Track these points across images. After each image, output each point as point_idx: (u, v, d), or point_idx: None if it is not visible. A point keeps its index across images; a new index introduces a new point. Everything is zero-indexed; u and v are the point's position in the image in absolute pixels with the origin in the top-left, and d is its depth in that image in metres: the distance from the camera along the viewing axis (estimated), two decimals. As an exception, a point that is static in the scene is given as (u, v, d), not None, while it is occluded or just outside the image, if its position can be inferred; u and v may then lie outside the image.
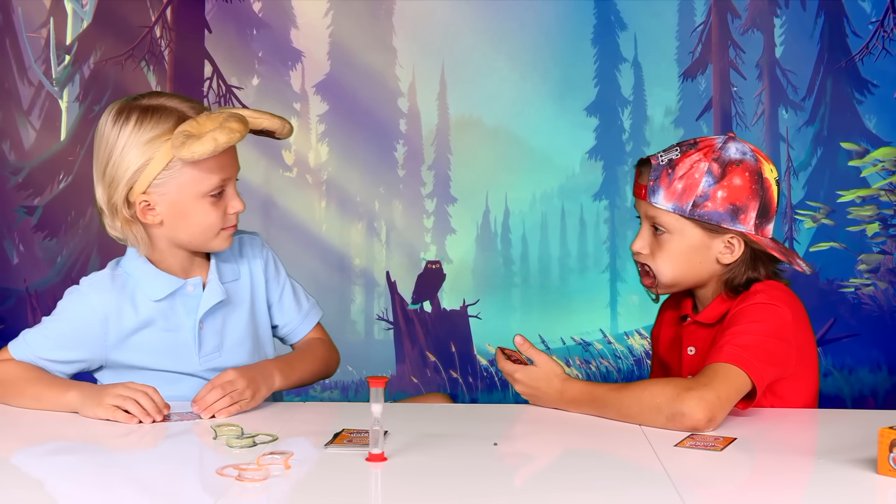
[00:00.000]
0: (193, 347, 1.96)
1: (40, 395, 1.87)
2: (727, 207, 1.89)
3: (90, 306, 1.93)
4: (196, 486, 1.44)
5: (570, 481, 1.48)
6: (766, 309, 1.85)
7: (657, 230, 1.94)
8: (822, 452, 1.57)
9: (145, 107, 1.88)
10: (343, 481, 1.46)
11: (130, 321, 1.93)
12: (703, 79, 3.60)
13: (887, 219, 3.52)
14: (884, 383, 3.52)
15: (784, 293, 1.91)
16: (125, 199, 1.87)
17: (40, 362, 1.93)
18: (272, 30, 3.64)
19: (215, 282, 1.97)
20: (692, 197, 1.88)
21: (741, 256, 1.92)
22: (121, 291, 1.93)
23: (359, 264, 3.65)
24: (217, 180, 1.88)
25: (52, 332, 1.94)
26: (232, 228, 1.94)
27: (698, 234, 1.91)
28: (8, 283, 3.59)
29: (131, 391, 1.79)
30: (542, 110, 3.61)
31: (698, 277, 1.96)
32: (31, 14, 3.63)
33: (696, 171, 1.89)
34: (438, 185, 3.67)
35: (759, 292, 1.89)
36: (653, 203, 1.91)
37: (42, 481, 1.47)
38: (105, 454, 1.66)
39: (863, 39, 3.53)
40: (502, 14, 3.59)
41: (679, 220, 1.90)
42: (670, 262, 1.93)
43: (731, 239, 1.91)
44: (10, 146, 3.61)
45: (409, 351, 3.63)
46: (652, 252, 1.95)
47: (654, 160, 1.94)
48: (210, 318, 1.97)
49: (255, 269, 2.05)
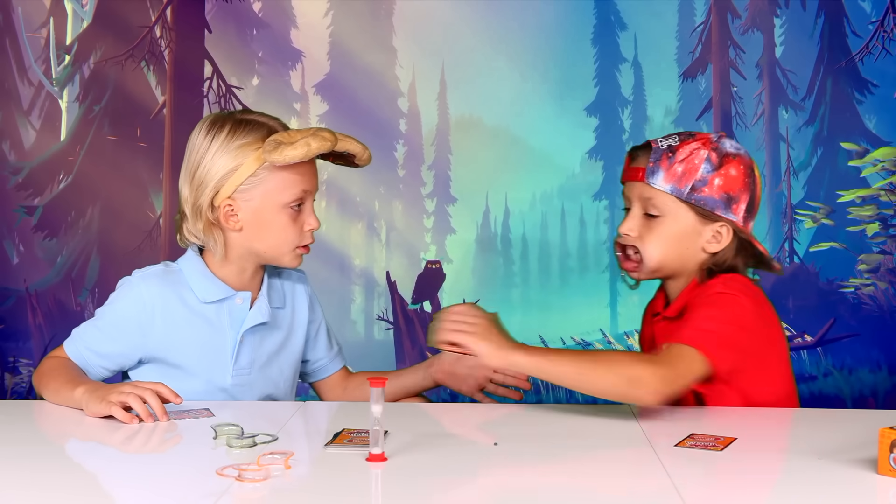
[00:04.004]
0: (230, 358, 2.00)
1: (58, 390, 1.90)
2: (722, 195, 1.94)
3: (139, 295, 1.98)
4: (196, 486, 1.44)
5: (570, 481, 1.48)
6: (724, 297, 1.89)
7: (649, 215, 1.97)
8: (822, 452, 1.57)
9: (238, 119, 1.97)
10: (343, 481, 1.46)
11: (178, 314, 1.98)
12: (703, 79, 3.60)
13: (887, 219, 3.52)
14: (884, 383, 3.52)
15: (742, 284, 1.95)
16: (210, 203, 1.94)
17: (87, 354, 1.98)
18: (272, 30, 3.64)
19: (264, 302, 2.03)
20: (691, 181, 1.93)
21: (727, 246, 1.96)
22: (172, 285, 1.99)
23: (359, 264, 3.65)
24: (299, 191, 1.96)
25: (103, 323, 1.99)
26: (305, 249, 2.02)
27: (692, 218, 1.95)
28: (8, 283, 3.59)
29: (139, 389, 1.80)
30: (542, 110, 3.61)
31: (682, 264, 1.99)
32: (31, 14, 3.63)
33: (696, 157, 1.94)
34: (438, 185, 3.67)
35: (718, 283, 1.93)
36: (651, 184, 1.95)
37: (42, 481, 1.47)
38: (105, 454, 1.66)
39: (863, 39, 3.53)
40: (502, 14, 3.59)
41: (675, 203, 1.95)
42: (660, 245, 1.96)
43: (721, 228, 1.95)
44: (10, 146, 3.61)
45: (409, 351, 3.63)
46: (641, 235, 1.98)
47: (654, 143, 1.99)
48: (251, 335, 2.02)
49: (299, 304, 2.13)
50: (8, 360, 3.52)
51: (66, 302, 3.55)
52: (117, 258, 3.53)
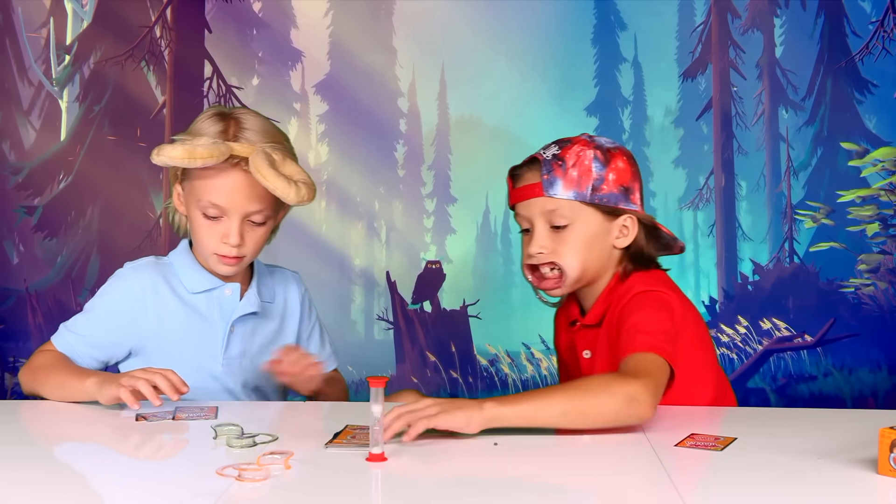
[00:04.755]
0: (220, 347, 2.02)
1: (64, 383, 1.91)
2: (619, 188, 1.95)
3: (131, 285, 2.00)
4: (196, 486, 1.44)
5: (570, 481, 1.48)
6: (649, 295, 1.89)
7: (555, 227, 1.94)
8: (822, 452, 1.57)
9: (215, 113, 1.98)
10: (343, 481, 1.46)
11: (169, 304, 2.00)
12: (703, 79, 3.60)
13: (887, 219, 3.52)
14: (884, 383, 3.52)
15: (657, 279, 1.96)
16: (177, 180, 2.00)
17: (78, 345, 1.99)
18: (272, 30, 3.64)
19: (254, 292, 2.06)
20: (590, 182, 1.93)
21: (637, 236, 1.97)
22: (163, 276, 2.02)
23: (359, 264, 3.65)
24: (206, 200, 1.93)
25: (94, 314, 2.01)
26: (227, 258, 1.97)
27: (598, 218, 1.95)
28: (8, 283, 3.59)
29: (149, 374, 1.81)
30: (542, 110, 3.61)
31: (599, 266, 1.98)
32: (31, 14, 3.63)
33: (585, 158, 1.94)
34: (438, 185, 3.67)
35: (637, 283, 1.93)
36: (552, 195, 1.93)
37: (41, 480, 1.47)
38: (105, 454, 1.66)
39: (863, 39, 3.53)
40: (502, 14, 3.59)
41: (580, 208, 1.94)
42: (575, 254, 1.94)
43: (626, 221, 1.96)
44: (10, 146, 3.61)
45: (409, 351, 3.63)
46: (554, 249, 1.95)
47: (539, 157, 1.96)
48: (241, 324, 2.04)
49: (291, 299, 2.15)
50: (8, 360, 3.51)
51: (66, 302, 3.55)
52: (117, 258, 3.52)
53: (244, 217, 1.94)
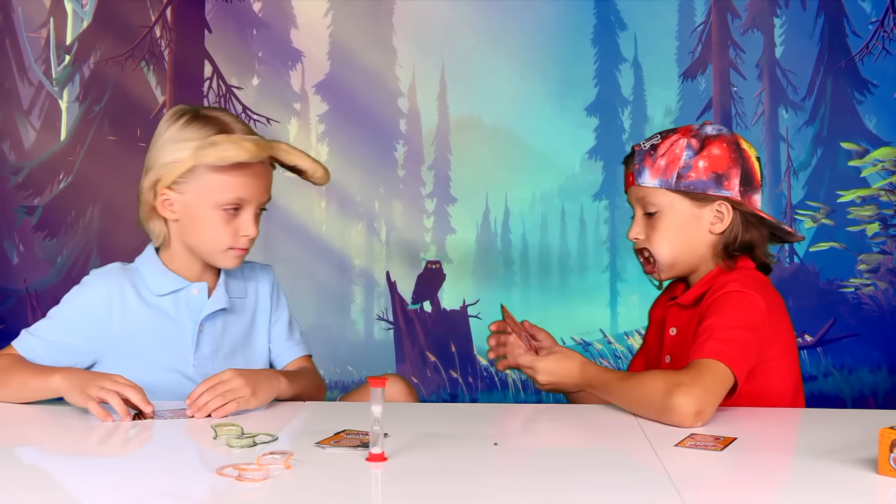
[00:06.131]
0: (190, 347, 2.01)
1: (26, 383, 1.89)
2: (710, 175, 1.97)
3: (96, 291, 2.00)
4: (196, 486, 1.44)
5: (570, 481, 1.48)
6: (739, 297, 1.90)
7: (649, 214, 2.02)
8: (822, 452, 1.57)
9: (196, 114, 1.99)
10: (343, 481, 1.46)
11: (135, 309, 1.99)
12: (703, 79, 3.60)
13: (887, 219, 3.52)
14: (884, 383, 3.52)
15: (756, 282, 1.97)
16: (152, 189, 1.98)
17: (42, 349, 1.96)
18: (272, 30, 3.64)
19: (221, 290, 2.05)
20: (675, 169, 1.98)
21: (732, 223, 1.99)
22: (129, 282, 2.02)
23: (359, 264, 3.65)
24: (232, 196, 1.95)
25: (61, 319, 2.00)
26: (241, 251, 2.01)
27: (687, 205, 1.99)
28: (8, 283, 3.59)
29: (119, 385, 1.79)
30: (542, 110, 3.61)
31: (695, 253, 2.01)
32: (31, 14, 3.63)
33: (677, 147, 1.99)
34: (438, 185, 3.67)
35: (733, 281, 1.94)
36: (640, 184, 2.01)
37: (41, 481, 1.47)
38: (105, 454, 1.66)
39: (863, 39, 3.53)
40: (502, 14, 3.59)
41: (667, 195, 1.99)
42: (666, 241, 2.00)
43: (719, 206, 1.99)
44: (10, 146, 3.61)
45: (409, 351, 3.63)
46: (648, 236, 2.02)
47: (637, 147, 2.04)
48: (210, 323, 2.03)
49: (261, 291, 2.14)
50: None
51: (66, 302, 3.55)
52: (117, 258, 3.51)
53: (258, 207, 2.00)
